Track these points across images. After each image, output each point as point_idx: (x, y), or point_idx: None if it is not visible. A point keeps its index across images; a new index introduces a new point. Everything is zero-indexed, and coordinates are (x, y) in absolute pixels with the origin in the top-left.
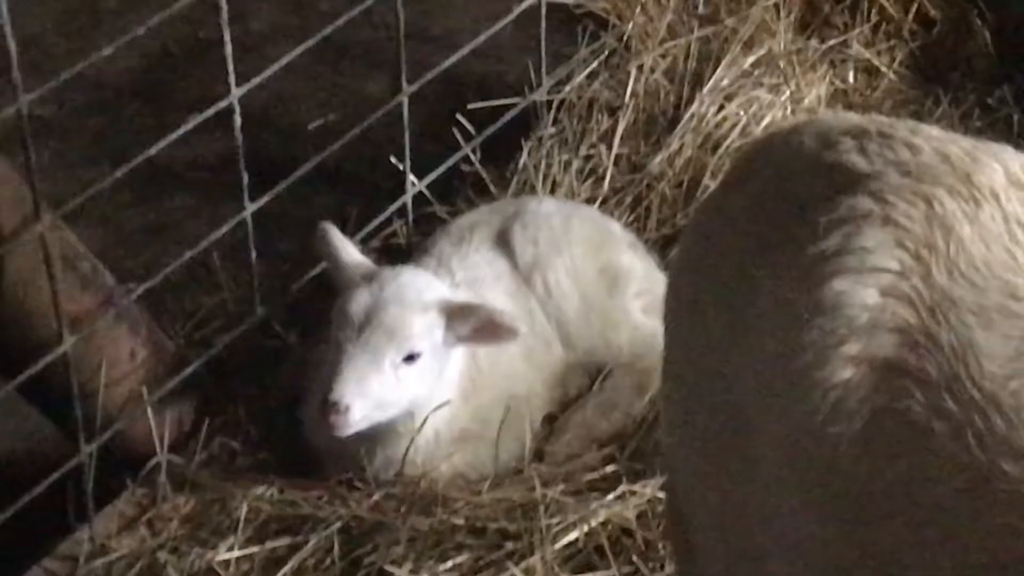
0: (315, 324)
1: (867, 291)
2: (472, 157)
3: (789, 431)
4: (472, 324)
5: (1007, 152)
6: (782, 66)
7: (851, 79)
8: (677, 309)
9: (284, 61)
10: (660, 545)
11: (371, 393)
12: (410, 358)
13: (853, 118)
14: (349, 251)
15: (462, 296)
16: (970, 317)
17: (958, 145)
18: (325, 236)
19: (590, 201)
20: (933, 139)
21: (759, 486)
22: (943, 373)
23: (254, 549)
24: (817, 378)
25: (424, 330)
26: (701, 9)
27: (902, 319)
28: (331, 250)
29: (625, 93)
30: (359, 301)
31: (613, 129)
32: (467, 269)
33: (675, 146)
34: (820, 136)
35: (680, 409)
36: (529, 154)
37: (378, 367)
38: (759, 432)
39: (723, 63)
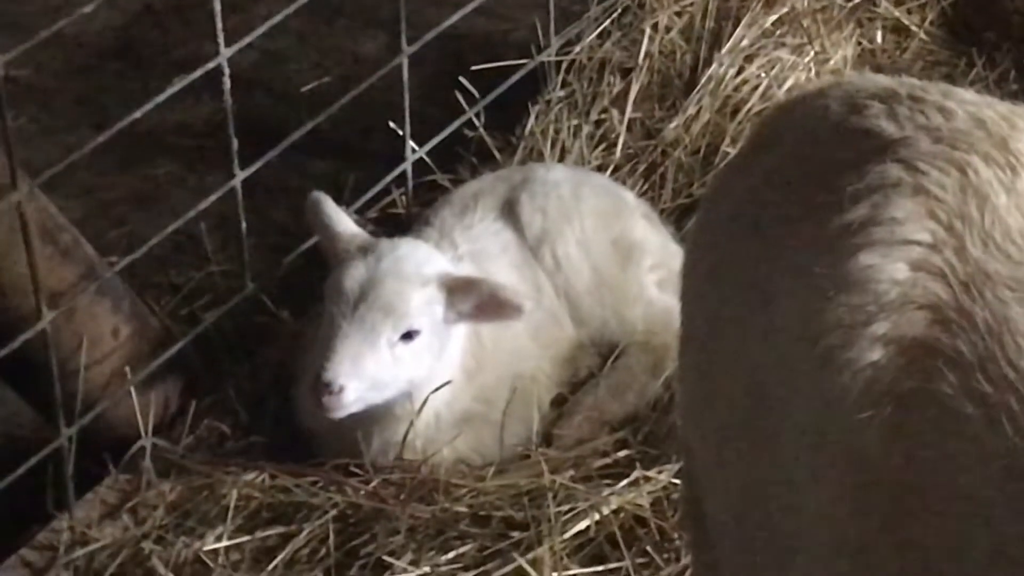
0: (308, 299)
1: (896, 265)
2: (476, 121)
3: (814, 417)
4: (475, 300)
5: None
6: (806, 25)
7: (879, 39)
8: (694, 283)
9: (276, 19)
10: (675, 535)
11: (366, 373)
12: (408, 336)
13: (882, 80)
14: (343, 222)
15: (464, 270)
16: (1006, 292)
17: (994, 109)
18: (317, 206)
19: (601, 169)
20: (967, 103)
21: (783, 475)
22: (977, 353)
23: (244, 539)
24: (843, 360)
25: (423, 306)
26: None
27: (934, 295)
28: (324, 221)
29: (639, 54)
30: (354, 275)
31: (626, 92)
32: (470, 241)
33: (692, 110)
34: (846, 100)
35: (697, 391)
36: (536, 118)
37: (374, 345)
38: (782, 417)
39: (743, 22)
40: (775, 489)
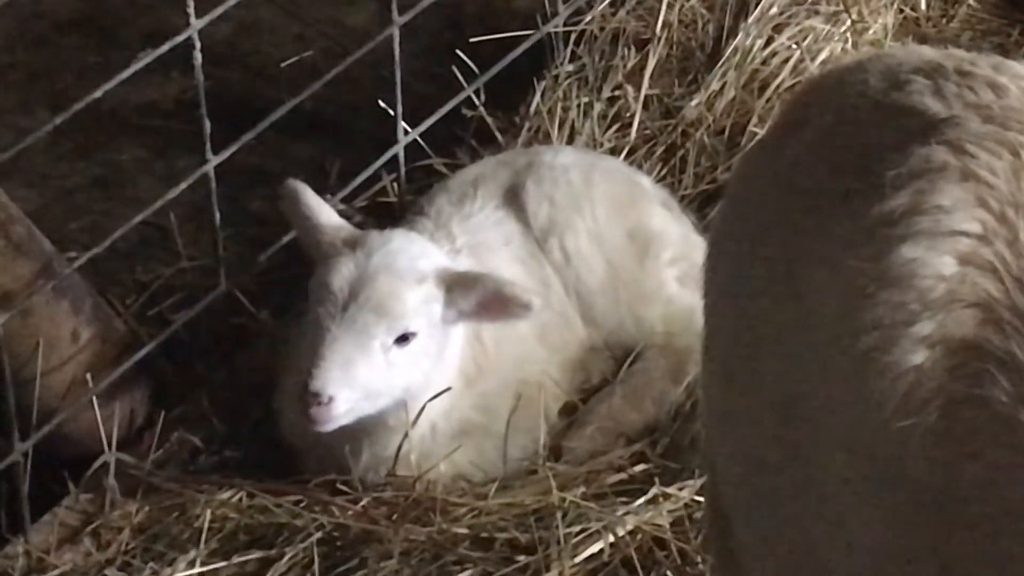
0: (290, 298)
1: (942, 259)
2: (475, 100)
3: (852, 425)
4: (476, 297)
5: None
6: None
7: (923, 6)
8: (719, 278)
9: None
10: (698, 559)
11: (358, 381)
12: (403, 339)
13: (926, 53)
14: (325, 212)
15: (463, 264)
16: None
17: None
18: (295, 195)
19: (615, 151)
20: (1021, 78)
21: (819, 489)
22: None
23: (219, 564)
24: (884, 363)
25: (419, 305)
26: None
27: (984, 292)
28: (303, 212)
29: (656, 23)
30: (342, 272)
31: (642, 66)
32: (469, 232)
33: (715, 86)
34: (888, 74)
35: (722, 397)
36: (543, 96)
37: (366, 350)
38: (815, 426)
39: None
40: (808, 506)
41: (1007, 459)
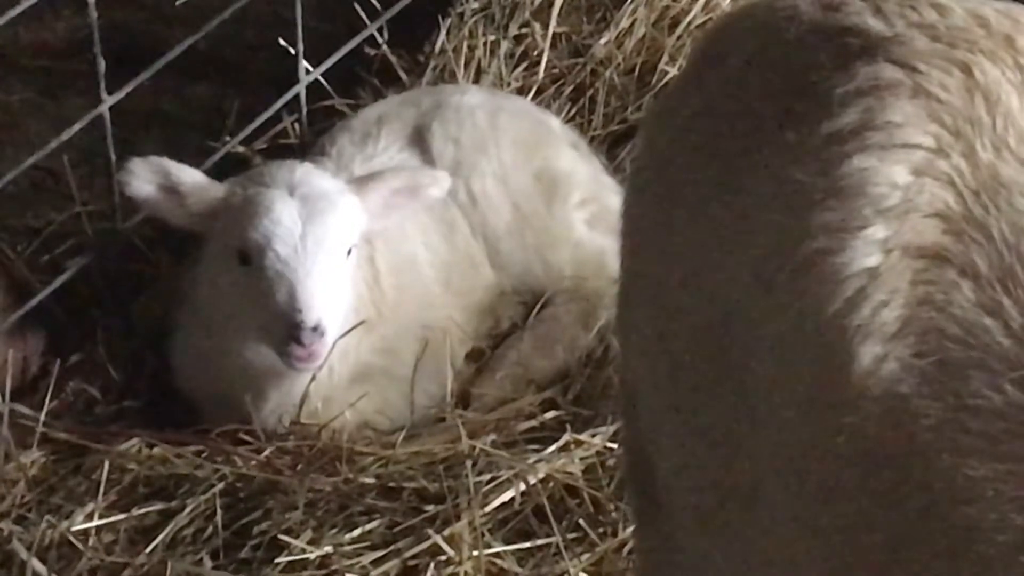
0: (188, 242)
1: (896, 168)
2: (378, 37)
3: (785, 330)
4: (386, 190)
5: None
6: None
7: None
8: (641, 215)
9: None
10: (611, 506)
11: (338, 303)
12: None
13: None
14: (192, 176)
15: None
16: None
17: (991, 6)
18: (152, 170)
19: (522, 91)
20: None
21: (751, 408)
22: (994, 267)
23: (119, 517)
24: (831, 265)
25: (355, 216)
26: None
27: (942, 202)
28: (173, 180)
29: None
30: (280, 208)
31: (550, 3)
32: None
33: (625, 24)
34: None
35: (650, 331)
36: (448, 34)
37: (335, 269)
38: (749, 340)
39: None
40: (739, 427)
41: (963, 356)
